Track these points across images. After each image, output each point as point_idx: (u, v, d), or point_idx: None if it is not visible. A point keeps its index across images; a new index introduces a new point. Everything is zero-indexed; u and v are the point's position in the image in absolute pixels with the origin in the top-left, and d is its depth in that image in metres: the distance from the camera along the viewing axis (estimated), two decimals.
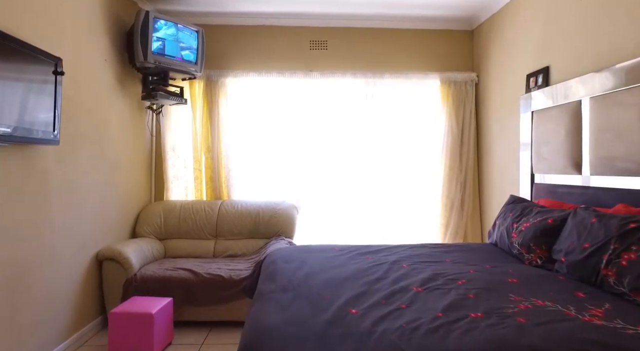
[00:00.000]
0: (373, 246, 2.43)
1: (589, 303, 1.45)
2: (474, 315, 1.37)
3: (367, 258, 2.13)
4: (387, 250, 2.34)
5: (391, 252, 2.29)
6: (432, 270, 1.91)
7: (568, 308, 1.42)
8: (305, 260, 2.03)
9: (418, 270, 1.91)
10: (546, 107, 2.73)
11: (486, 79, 3.69)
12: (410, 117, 3.88)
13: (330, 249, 2.32)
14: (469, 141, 3.81)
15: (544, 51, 2.86)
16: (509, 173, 3.30)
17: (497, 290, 1.64)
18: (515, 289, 1.65)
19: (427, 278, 1.77)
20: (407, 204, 3.90)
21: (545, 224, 2.05)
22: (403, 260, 2.09)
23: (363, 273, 1.84)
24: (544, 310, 1.40)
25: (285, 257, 2.08)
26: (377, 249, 2.35)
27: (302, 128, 3.81)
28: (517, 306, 1.45)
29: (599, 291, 1.58)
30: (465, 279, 1.78)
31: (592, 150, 2.32)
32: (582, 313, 1.37)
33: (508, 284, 1.72)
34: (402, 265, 2.00)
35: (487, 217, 3.73)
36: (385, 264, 2.01)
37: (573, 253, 1.77)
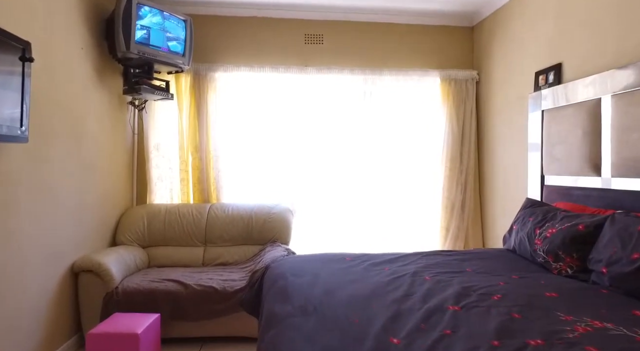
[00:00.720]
0: (386, 255, 2.21)
1: None
2: (533, 342, 1.15)
3: (384, 270, 1.90)
4: (401, 259, 2.13)
5: (407, 261, 2.07)
6: (458, 283, 1.70)
7: (635, 332, 1.23)
8: (317, 273, 1.78)
9: (444, 283, 1.70)
10: (560, 106, 2.58)
11: (488, 77, 3.54)
12: (410, 116, 3.69)
13: (340, 259, 2.08)
14: (469, 141, 3.65)
15: (556, 47, 2.71)
16: (515, 175, 3.15)
17: (541, 308, 1.44)
18: (559, 305, 1.45)
19: (458, 294, 1.55)
20: (407, 206, 3.71)
21: (576, 230, 1.87)
22: (423, 271, 1.87)
23: (386, 288, 1.61)
24: (609, 335, 1.21)
25: (294, 270, 1.83)
26: (391, 258, 2.13)
27: (296, 127, 3.56)
28: (575, 329, 1.25)
29: None
30: (499, 294, 1.58)
31: (614, 150, 2.17)
32: None
33: (548, 299, 1.53)
34: (424, 277, 1.78)
35: (489, 219, 3.57)
36: (405, 276, 1.78)
37: (618, 264, 1.59)
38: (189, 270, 2.92)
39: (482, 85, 3.63)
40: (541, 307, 1.44)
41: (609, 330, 1.24)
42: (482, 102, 3.64)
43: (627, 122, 2.09)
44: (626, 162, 2.10)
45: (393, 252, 2.32)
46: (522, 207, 2.41)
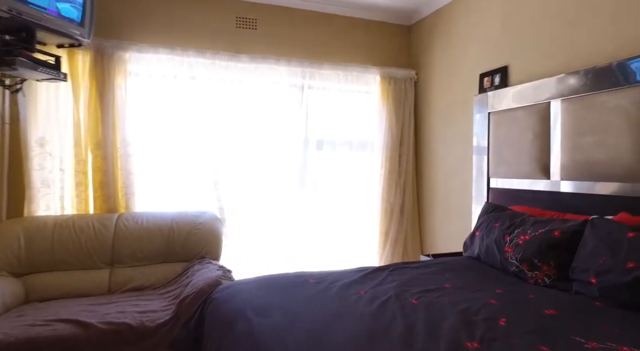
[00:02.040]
0: (349, 273, 1.89)
1: None
2: None
3: (359, 293, 1.57)
4: (370, 277, 1.82)
5: (377, 280, 1.78)
6: (450, 305, 1.45)
7: None
8: (285, 306, 1.37)
9: (437, 307, 1.44)
10: (507, 108, 2.54)
11: (428, 78, 3.45)
12: (350, 114, 3.44)
13: (303, 282, 1.69)
14: (408, 142, 3.53)
15: (501, 50, 2.67)
16: (459, 177, 3.08)
17: (554, 330, 1.25)
18: (570, 327, 1.28)
19: (462, 323, 1.30)
20: (345, 210, 3.45)
21: (552, 237, 1.76)
22: (404, 293, 1.59)
23: (379, 322, 1.28)
24: None
25: (254, 304, 1.39)
26: (359, 277, 1.81)
27: (226, 121, 3.04)
28: None
29: None
30: (501, 317, 1.36)
31: (564, 153, 2.15)
32: None
33: (554, 319, 1.35)
34: (410, 301, 1.50)
35: (428, 223, 3.49)
36: (390, 302, 1.48)
37: (610, 274, 1.48)
38: (90, 301, 2.24)
39: (421, 85, 3.53)
40: (553, 330, 1.25)
41: None
42: (422, 102, 3.54)
43: (577, 126, 2.08)
44: (576, 165, 2.08)
45: (356, 268, 2.00)
46: (484, 212, 2.29)
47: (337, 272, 1.89)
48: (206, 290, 2.04)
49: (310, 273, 1.87)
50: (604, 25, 2.04)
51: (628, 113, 1.87)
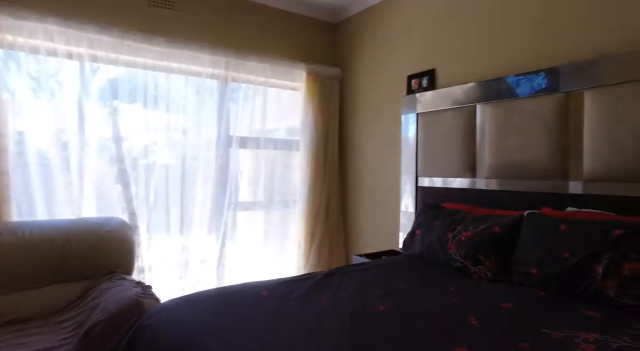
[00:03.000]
0: (297, 280, 1.72)
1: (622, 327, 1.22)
2: None
3: (322, 303, 1.41)
4: (323, 283, 1.67)
5: (332, 286, 1.65)
6: (419, 309, 1.38)
7: (623, 340, 1.14)
8: (253, 328, 1.15)
9: (407, 313, 1.35)
10: (436, 110, 2.63)
11: (354, 76, 3.43)
12: (276, 110, 3.24)
13: (256, 296, 1.47)
14: (333, 141, 3.47)
15: (430, 53, 2.76)
16: (386, 177, 3.11)
17: (521, 324, 1.28)
18: (529, 319, 1.31)
19: (440, 327, 1.25)
20: (270, 211, 3.23)
21: (493, 232, 1.83)
22: (367, 300, 1.48)
23: (362, 337, 1.15)
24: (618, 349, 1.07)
25: (216, 331, 1.13)
26: (312, 285, 1.65)
27: (137, 113, 2.60)
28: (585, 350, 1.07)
29: (603, 308, 1.38)
30: (470, 316, 1.33)
31: (489, 154, 2.29)
32: None
33: (513, 313, 1.37)
34: (378, 308, 1.40)
35: (353, 223, 3.47)
36: (359, 311, 1.35)
37: (549, 265, 1.57)
38: None
39: (347, 84, 3.50)
40: (523, 325, 1.26)
41: (611, 344, 1.11)
42: (348, 101, 3.51)
43: (501, 128, 2.22)
44: (500, 164, 2.22)
45: (304, 275, 1.83)
46: (422, 211, 2.31)
47: (284, 281, 1.69)
48: (123, 315, 1.66)
49: (255, 284, 1.65)
50: (523, 37, 2.21)
51: (544, 118, 2.04)
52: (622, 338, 1.17)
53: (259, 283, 1.63)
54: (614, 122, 1.79)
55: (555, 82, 2.01)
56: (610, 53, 1.84)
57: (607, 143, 1.81)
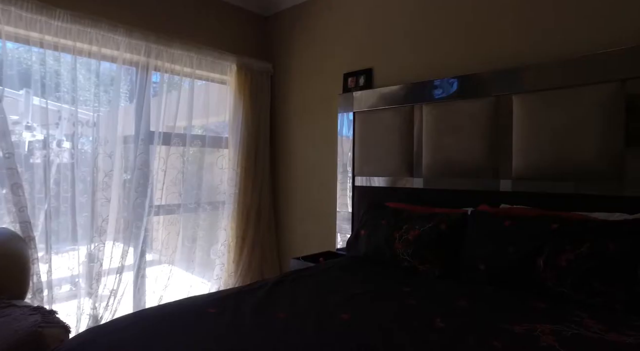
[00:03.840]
0: (243, 292, 1.53)
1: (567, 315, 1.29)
2: None
3: (278, 317, 1.24)
4: (273, 295, 1.50)
5: (286, 298, 1.48)
6: (382, 315, 1.30)
7: (572, 328, 1.19)
8: None
9: (371, 320, 1.26)
10: (373, 109, 2.61)
11: (286, 72, 3.29)
12: (204, 105, 2.95)
13: (201, 314, 1.23)
14: (265, 139, 3.28)
15: (366, 52, 2.74)
16: (321, 177, 3.03)
17: (482, 321, 1.27)
18: (487, 315, 1.32)
19: (410, 334, 1.17)
20: (197, 213, 2.93)
21: (439, 230, 1.84)
22: (327, 310, 1.36)
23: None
24: (573, 337, 1.11)
25: None
26: (262, 297, 1.48)
27: (30, 101, 2.13)
28: (542, 339, 1.09)
29: (546, 298, 1.46)
30: (433, 317, 1.30)
31: (427, 153, 2.34)
32: (602, 333, 1.16)
33: (469, 310, 1.37)
34: (340, 317, 1.28)
35: (286, 225, 3.32)
36: (324, 323, 1.22)
37: (496, 260, 1.62)
38: None
39: (279, 80, 3.34)
40: (484, 322, 1.26)
41: (564, 332, 1.15)
42: (280, 98, 3.35)
43: (438, 128, 2.28)
44: (438, 163, 2.28)
45: (249, 285, 1.64)
46: (366, 210, 2.25)
47: (230, 293, 1.49)
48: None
49: (197, 300, 1.42)
50: (458, 41, 2.29)
51: (477, 120, 2.13)
52: (571, 326, 1.22)
53: (200, 299, 1.40)
54: (537, 125, 1.93)
55: (487, 86, 2.11)
56: (532, 62, 1.97)
57: (532, 145, 1.94)
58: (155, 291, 2.67)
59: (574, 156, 1.80)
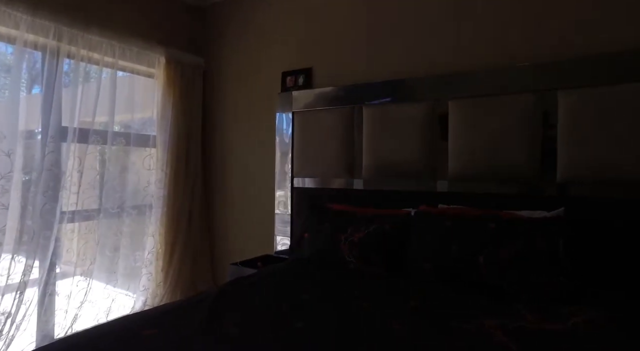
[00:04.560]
0: (182, 308, 1.36)
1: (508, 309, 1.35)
2: None
3: (232, 332, 1.11)
4: (220, 307, 1.37)
5: (236, 310, 1.35)
6: (340, 323, 1.25)
7: (516, 321, 1.25)
8: None
9: (329, 327, 1.20)
10: (313, 109, 2.57)
11: (221, 69, 3.10)
12: (128, 99, 2.65)
13: (139, 342, 1.05)
14: (196, 138, 3.06)
15: (306, 52, 2.69)
16: (258, 178, 2.90)
17: (438, 321, 1.27)
18: (441, 315, 1.34)
19: (376, 340, 1.11)
20: (121, 218, 2.62)
21: (384, 231, 1.85)
22: (282, 320, 1.26)
23: None
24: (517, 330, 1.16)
25: None
26: (206, 312, 1.32)
27: None
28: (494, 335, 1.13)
29: (488, 294, 1.52)
30: (390, 320, 1.27)
31: (367, 155, 2.35)
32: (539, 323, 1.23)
33: (423, 311, 1.38)
34: (296, 328, 1.18)
35: (220, 229, 3.13)
36: (286, 339, 1.12)
37: (441, 259, 1.65)
38: None
39: (213, 77, 3.14)
40: (443, 322, 1.25)
41: (510, 326, 1.20)
42: (213, 95, 3.15)
43: (378, 130, 2.31)
44: (378, 165, 2.31)
45: (187, 299, 1.47)
46: (309, 213, 2.18)
47: (166, 309, 1.32)
48: None
49: (129, 321, 1.22)
50: (397, 45, 2.32)
51: (416, 122, 2.19)
52: (513, 319, 1.28)
53: (132, 319, 1.21)
54: (470, 129, 2.03)
55: (425, 90, 2.18)
56: (467, 70, 2.07)
57: (466, 148, 2.04)
58: (68, 310, 2.31)
59: (503, 159, 1.92)
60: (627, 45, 1.70)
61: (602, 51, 1.74)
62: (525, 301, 1.42)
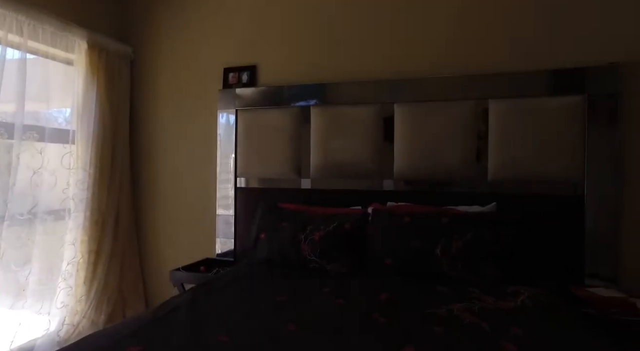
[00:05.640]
0: (146, 323, 1.21)
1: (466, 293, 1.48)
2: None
3: (221, 340, 1.03)
4: (196, 319, 1.24)
5: (204, 321, 1.24)
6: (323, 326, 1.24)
7: (476, 303, 1.39)
8: None
9: (321, 327, 1.18)
10: (259, 108, 2.50)
11: (153, 60, 2.81)
12: (42, 87, 2.25)
13: None
14: (124, 135, 2.74)
15: (251, 48, 2.59)
16: (197, 177, 2.71)
17: (415, 310, 1.33)
18: (415, 304, 1.41)
19: (373, 331, 1.13)
20: (33, 224, 2.22)
21: (344, 230, 1.88)
22: (275, 324, 1.20)
23: None
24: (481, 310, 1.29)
25: None
26: (183, 324, 1.19)
27: None
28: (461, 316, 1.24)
29: (446, 282, 1.64)
30: (374, 312, 1.30)
31: (316, 155, 2.37)
32: (495, 303, 1.38)
33: (396, 302, 1.44)
34: (287, 329, 1.14)
35: (152, 233, 2.85)
36: (277, 341, 1.07)
37: (401, 253, 1.74)
38: None
39: (144, 68, 2.83)
40: (419, 310, 1.32)
41: (474, 307, 1.32)
42: (143, 88, 2.84)
43: (328, 131, 2.34)
44: (327, 165, 2.34)
45: (151, 314, 1.30)
46: (264, 214, 2.10)
47: (141, 324, 1.15)
48: None
49: (103, 337, 1.04)
50: (348, 48, 2.36)
51: (365, 124, 2.27)
52: (474, 302, 1.41)
53: (109, 335, 1.03)
54: (415, 132, 2.18)
55: (373, 93, 2.26)
56: (413, 76, 2.21)
57: (411, 149, 2.18)
58: None
59: (443, 160, 2.10)
60: (545, 64, 1.99)
61: (527, 69, 2.01)
62: (477, 286, 1.58)
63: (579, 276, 1.92)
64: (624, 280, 1.88)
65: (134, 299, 2.73)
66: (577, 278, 1.91)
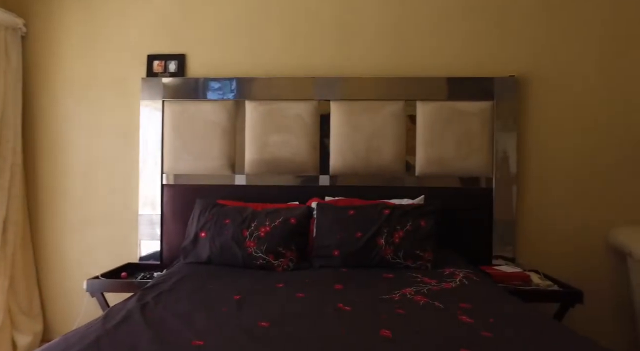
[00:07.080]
0: (97, 336, 1.03)
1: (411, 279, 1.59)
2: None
3: (196, 344, 0.92)
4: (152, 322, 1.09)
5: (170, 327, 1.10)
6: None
7: (423, 286, 1.50)
8: None
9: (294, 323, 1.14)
10: (190, 100, 2.32)
11: (52, 37, 2.38)
12: None
13: None
14: (15, 123, 2.28)
15: (179, 36, 2.38)
16: (113, 173, 2.39)
17: (371, 298, 1.37)
18: (370, 292, 1.45)
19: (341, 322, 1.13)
20: None
21: (290, 224, 1.84)
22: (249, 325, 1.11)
23: None
24: (430, 292, 1.40)
25: None
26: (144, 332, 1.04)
27: None
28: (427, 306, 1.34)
29: (391, 270, 1.72)
30: (344, 305, 1.30)
31: (252, 150, 2.30)
32: (437, 285, 1.51)
33: (350, 291, 1.46)
34: (258, 324, 1.08)
35: (52, 238, 2.41)
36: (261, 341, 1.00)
37: (347, 245, 1.77)
38: None
39: (39, 47, 2.39)
40: (374, 298, 1.37)
41: (422, 291, 1.43)
42: (41, 70, 2.39)
43: (265, 126, 2.29)
44: (263, 160, 2.29)
45: (100, 322, 1.10)
46: (201, 212, 1.93)
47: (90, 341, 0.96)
48: None
49: None
50: (285, 44, 2.33)
51: (302, 120, 2.27)
52: (420, 285, 1.50)
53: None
54: (350, 129, 2.25)
55: (310, 90, 2.26)
56: (349, 75, 2.28)
57: (347, 145, 2.25)
58: None
59: (378, 156, 2.21)
60: (464, 73, 2.24)
61: (448, 75, 2.23)
62: (418, 271, 1.69)
63: (488, 257, 2.20)
64: (519, 259, 2.22)
65: (26, 321, 2.27)
66: (486, 259, 2.19)
